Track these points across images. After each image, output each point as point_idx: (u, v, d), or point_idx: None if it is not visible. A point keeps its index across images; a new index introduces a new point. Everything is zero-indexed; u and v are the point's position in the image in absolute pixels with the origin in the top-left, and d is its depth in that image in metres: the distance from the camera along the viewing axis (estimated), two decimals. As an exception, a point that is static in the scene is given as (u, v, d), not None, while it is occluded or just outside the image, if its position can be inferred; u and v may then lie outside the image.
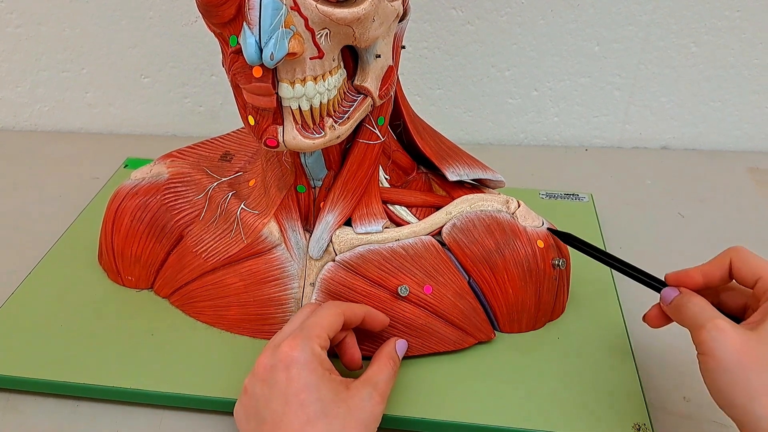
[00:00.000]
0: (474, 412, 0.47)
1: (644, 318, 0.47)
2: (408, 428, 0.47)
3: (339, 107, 0.44)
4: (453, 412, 0.47)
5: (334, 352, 0.48)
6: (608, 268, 0.60)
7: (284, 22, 0.38)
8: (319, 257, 0.51)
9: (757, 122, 0.83)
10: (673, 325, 0.57)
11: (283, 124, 0.42)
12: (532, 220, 0.53)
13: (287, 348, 0.41)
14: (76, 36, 0.82)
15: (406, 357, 0.49)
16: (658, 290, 0.46)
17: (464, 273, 0.51)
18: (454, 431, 0.47)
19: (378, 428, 0.42)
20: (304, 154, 0.48)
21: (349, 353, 0.47)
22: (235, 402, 0.48)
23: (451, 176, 0.53)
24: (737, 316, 0.43)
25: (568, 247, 0.54)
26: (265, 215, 0.52)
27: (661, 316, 0.46)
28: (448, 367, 0.50)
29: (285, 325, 0.46)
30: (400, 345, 0.48)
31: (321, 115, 0.43)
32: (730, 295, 0.45)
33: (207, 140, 0.62)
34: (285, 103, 0.41)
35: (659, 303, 0.46)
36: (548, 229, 0.52)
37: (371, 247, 0.50)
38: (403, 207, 0.53)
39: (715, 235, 0.68)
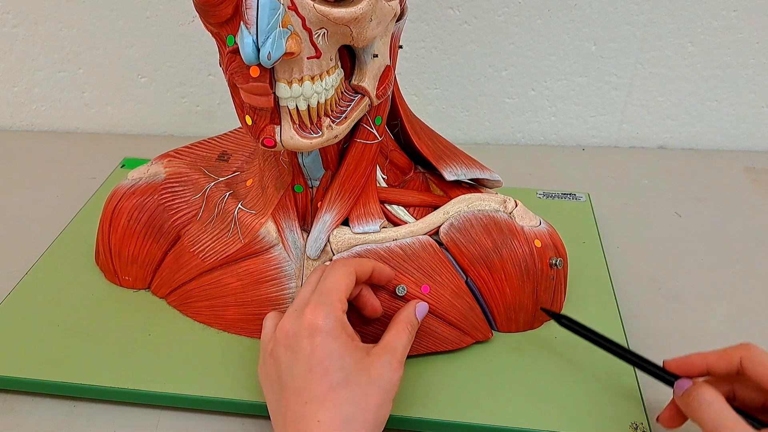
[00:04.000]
0: (471, 412, 0.47)
1: (658, 419, 0.44)
2: (406, 428, 0.47)
3: (336, 107, 0.44)
4: (450, 412, 0.47)
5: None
6: (605, 267, 0.60)
7: (281, 22, 0.38)
8: (317, 257, 0.51)
9: (754, 122, 0.83)
10: (667, 318, 0.57)
11: (280, 123, 0.42)
12: (529, 220, 0.53)
13: (311, 316, 0.41)
14: (72, 36, 0.82)
15: None
16: (665, 380, 0.43)
17: (461, 272, 0.51)
18: (450, 430, 0.47)
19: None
20: (302, 153, 0.48)
21: (369, 305, 0.48)
22: (234, 402, 0.48)
23: (449, 176, 0.53)
24: (754, 415, 0.41)
25: (565, 247, 0.54)
26: (262, 215, 0.52)
27: (677, 417, 0.43)
28: (444, 367, 0.50)
29: (302, 288, 0.46)
30: (420, 309, 0.47)
31: (318, 115, 0.43)
32: (744, 390, 0.42)
33: (204, 140, 0.62)
34: (282, 103, 0.41)
35: (673, 400, 0.43)
36: (542, 308, 0.52)
37: (368, 247, 0.50)
38: (400, 207, 0.53)
39: (712, 235, 0.68)
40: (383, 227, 0.51)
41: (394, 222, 0.52)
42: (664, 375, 0.44)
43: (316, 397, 0.39)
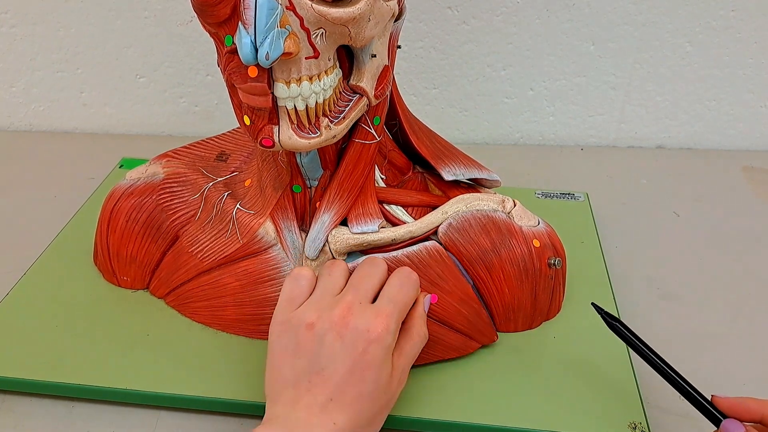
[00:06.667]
0: (471, 412, 0.47)
1: None
2: (404, 428, 0.47)
3: (335, 107, 0.44)
4: (449, 412, 0.47)
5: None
6: (604, 267, 0.60)
7: (280, 22, 0.38)
8: (315, 257, 0.51)
9: (752, 121, 0.83)
10: (665, 318, 0.57)
11: (278, 123, 0.42)
12: (528, 220, 0.53)
13: (381, 324, 0.42)
14: (71, 36, 0.82)
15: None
16: (708, 415, 0.41)
17: (467, 277, 0.51)
18: (449, 430, 0.47)
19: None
20: (300, 153, 0.48)
21: None
22: (233, 402, 0.48)
23: (447, 176, 0.53)
24: None
25: (564, 247, 0.54)
26: (261, 215, 0.52)
27: None
28: (443, 367, 0.50)
29: (362, 270, 0.46)
30: (427, 304, 0.48)
31: (317, 115, 0.43)
32: None
33: (202, 140, 0.62)
34: (281, 103, 0.41)
35: None
36: (592, 304, 0.48)
37: (375, 256, 0.49)
38: (399, 207, 0.53)
39: (710, 234, 0.68)
40: (382, 227, 0.51)
41: (393, 222, 0.52)
42: (711, 409, 0.41)
43: (344, 400, 0.40)
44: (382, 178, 0.53)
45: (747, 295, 0.60)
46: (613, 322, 0.46)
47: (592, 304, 0.48)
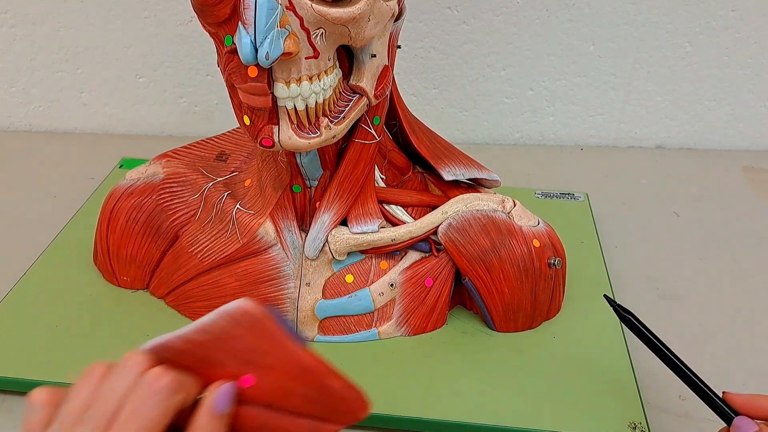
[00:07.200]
0: (470, 412, 0.47)
1: None
2: (405, 428, 0.47)
3: (334, 107, 0.44)
4: (450, 412, 0.47)
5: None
6: (604, 267, 0.60)
7: (279, 22, 0.38)
8: (315, 257, 0.51)
9: (752, 121, 0.83)
10: (665, 317, 0.57)
11: (278, 123, 0.42)
12: (527, 220, 0.53)
13: None
14: (70, 36, 0.82)
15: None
16: (719, 412, 0.41)
17: (300, 339, 0.32)
18: (449, 430, 0.47)
19: (377, 428, 0.41)
20: (300, 153, 0.48)
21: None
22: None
23: (447, 176, 0.53)
24: None
25: (564, 247, 0.54)
26: (260, 215, 0.52)
27: None
28: (443, 367, 0.50)
29: (84, 386, 0.32)
30: (217, 400, 0.32)
31: (316, 115, 0.43)
32: None
33: (202, 140, 0.62)
34: (280, 103, 0.41)
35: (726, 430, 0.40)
36: (604, 296, 0.48)
37: (158, 342, 0.33)
38: (399, 207, 0.53)
39: (710, 234, 0.68)
40: (381, 227, 0.51)
41: (393, 222, 0.52)
42: (722, 406, 0.41)
43: None
44: (382, 178, 0.53)
45: (747, 295, 0.60)
46: (625, 315, 0.45)
47: (605, 296, 0.47)
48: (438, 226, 0.51)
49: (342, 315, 0.52)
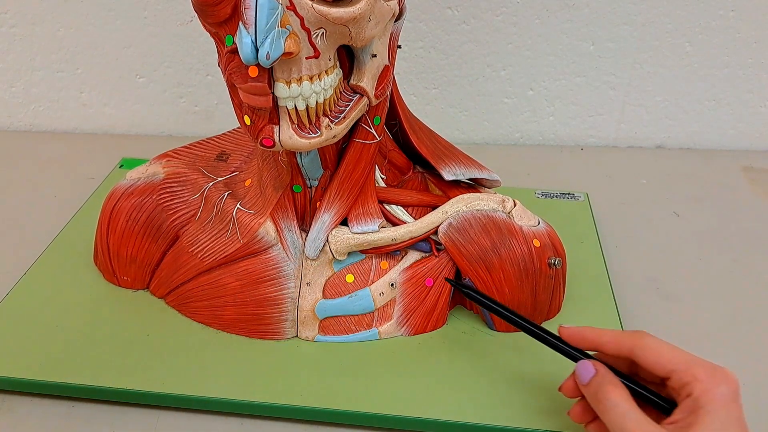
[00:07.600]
0: (471, 412, 0.47)
1: (560, 389, 0.44)
2: (405, 428, 0.47)
3: (335, 107, 0.44)
4: (450, 412, 0.47)
5: None
6: (604, 266, 0.60)
7: (280, 22, 0.38)
8: (315, 257, 0.51)
9: (752, 121, 0.83)
10: (665, 317, 0.57)
11: (279, 123, 0.42)
12: (528, 220, 0.53)
13: None
14: (70, 36, 0.81)
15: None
16: (569, 355, 0.44)
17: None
18: (449, 430, 0.47)
19: (377, 428, 0.41)
20: (300, 153, 0.48)
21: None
22: (232, 402, 0.48)
23: (447, 176, 0.53)
24: (657, 391, 0.41)
25: (564, 246, 0.54)
26: (261, 215, 0.52)
27: (577, 389, 0.42)
28: (443, 367, 0.50)
29: None
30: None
31: (317, 115, 0.43)
32: (641, 368, 0.42)
33: (203, 140, 0.62)
34: (281, 103, 0.41)
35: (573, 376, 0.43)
36: (446, 279, 0.51)
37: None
38: (399, 206, 0.53)
39: (710, 234, 0.68)
40: (382, 227, 0.51)
41: (393, 222, 0.52)
42: (563, 346, 0.44)
43: None
44: (382, 178, 0.53)
45: (747, 295, 0.60)
46: (464, 290, 0.49)
47: (446, 279, 0.50)
48: (438, 226, 0.51)
49: (342, 315, 0.52)
